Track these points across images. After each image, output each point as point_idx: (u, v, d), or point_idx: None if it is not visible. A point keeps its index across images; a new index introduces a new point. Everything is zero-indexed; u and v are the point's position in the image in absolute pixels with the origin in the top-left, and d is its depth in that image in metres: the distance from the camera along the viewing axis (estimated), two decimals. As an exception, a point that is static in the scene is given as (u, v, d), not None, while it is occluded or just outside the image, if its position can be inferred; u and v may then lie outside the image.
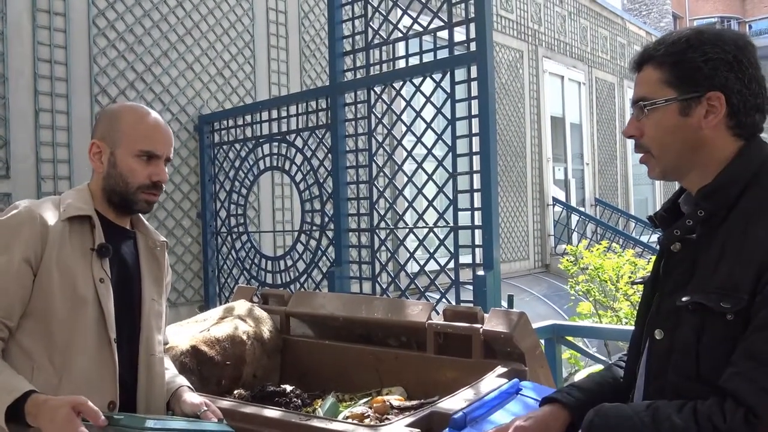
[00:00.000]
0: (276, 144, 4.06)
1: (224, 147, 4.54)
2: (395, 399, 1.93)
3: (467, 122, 3.01)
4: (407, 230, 3.41)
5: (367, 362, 2.22)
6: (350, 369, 2.24)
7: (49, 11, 4.08)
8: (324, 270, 3.75)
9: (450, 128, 3.04)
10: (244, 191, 4.38)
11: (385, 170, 3.47)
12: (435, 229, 3.25)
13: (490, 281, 2.79)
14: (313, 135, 3.76)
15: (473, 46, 2.92)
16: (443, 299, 3.08)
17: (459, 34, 3.03)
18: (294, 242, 4.02)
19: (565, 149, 10.05)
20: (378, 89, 3.37)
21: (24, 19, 3.97)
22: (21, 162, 3.95)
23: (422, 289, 3.21)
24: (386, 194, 3.43)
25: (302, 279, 3.93)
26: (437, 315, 2.17)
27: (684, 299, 1.13)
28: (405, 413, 1.68)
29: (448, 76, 3.04)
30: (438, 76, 3.12)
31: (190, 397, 1.61)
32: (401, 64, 3.41)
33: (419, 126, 3.31)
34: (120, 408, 1.51)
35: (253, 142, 4.24)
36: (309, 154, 3.80)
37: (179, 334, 2.20)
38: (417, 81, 3.20)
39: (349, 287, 3.50)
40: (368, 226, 3.50)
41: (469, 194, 3.01)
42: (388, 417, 1.79)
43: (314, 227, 3.84)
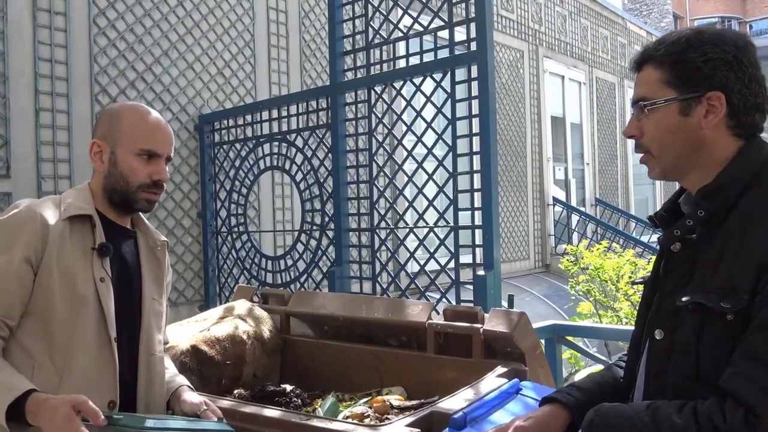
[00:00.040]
0: (276, 143, 4.06)
1: (224, 146, 4.54)
2: (395, 399, 1.93)
3: (468, 122, 3.01)
4: (407, 230, 3.41)
5: (368, 362, 2.22)
6: (350, 369, 2.24)
7: (50, 10, 4.08)
8: (324, 270, 3.75)
9: (450, 128, 3.04)
10: (245, 191, 4.38)
11: (386, 170, 3.47)
12: (435, 229, 3.25)
13: (491, 281, 2.79)
14: (314, 134, 3.76)
15: (474, 46, 2.92)
16: (443, 299, 3.08)
17: (459, 34, 3.03)
18: (294, 242, 4.02)
19: (566, 149, 10.04)
20: (378, 89, 3.37)
21: (25, 18, 3.97)
22: (21, 161, 3.95)
23: (422, 289, 3.21)
24: (386, 194, 3.43)
25: (302, 279, 3.93)
26: (437, 315, 2.16)
27: (684, 299, 1.13)
28: (405, 413, 1.68)
29: (449, 76, 3.04)
30: (438, 76, 3.12)
31: (190, 397, 1.61)
32: (402, 64, 3.41)
33: (419, 126, 3.31)
34: (120, 407, 1.51)
35: (254, 142, 4.24)
36: (309, 154, 3.80)
37: (179, 334, 2.20)
38: (417, 81, 3.20)
39: (350, 287, 3.50)
40: (368, 226, 3.50)
41: (470, 194, 3.01)
42: (388, 417, 1.79)
43: (314, 227, 3.84)
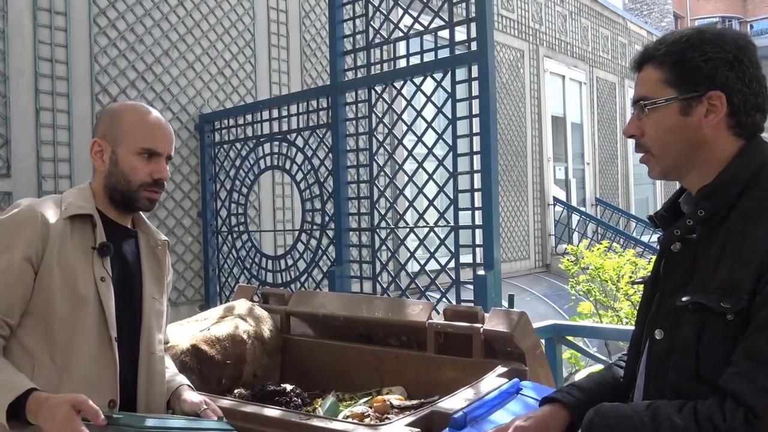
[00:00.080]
0: (277, 143, 4.06)
1: (225, 146, 4.54)
2: (395, 398, 1.93)
3: (468, 122, 3.01)
4: (408, 230, 3.41)
5: (368, 362, 2.22)
6: (350, 368, 2.24)
7: (50, 10, 4.08)
8: (324, 269, 3.75)
9: (451, 128, 3.04)
10: (245, 190, 4.38)
11: (386, 169, 3.47)
12: (435, 229, 3.24)
13: (491, 281, 2.79)
14: (314, 134, 3.76)
15: (474, 46, 2.92)
16: (444, 299, 3.08)
17: (460, 34, 3.03)
18: (294, 241, 4.02)
19: (566, 149, 10.04)
20: (379, 88, 3.37)
21: (25, 18, 3.97)
22: (22, 161, 3.95)
23: (423, 289, 3.21)
24: (387, 193, 3.43)
25: (303, 278, 3.93)
26: (438, 314, 2.16)
27: (684, 299, 1.13)
28: (405, 413, 1.68)
29: (449, 76, 3.04)
30: (439, 76, 3.11)
31: (190, 396, 1.61)
32: (402, 64, 3.41)
33: (420, 125, 3.30)
34: (120, 406, 1.51)
35: (254, 141, 4.24)
36: (310, 154, 3.80)
37: (180, 333, 2.20)
38: (418, 80, 3.20)
39: (350, 287, 3.50)
40: (369, 226, 3.50)
41: (470, 194, 3.01)
42: (388, 416, 1.79)
43: (315, 226, 3.84)
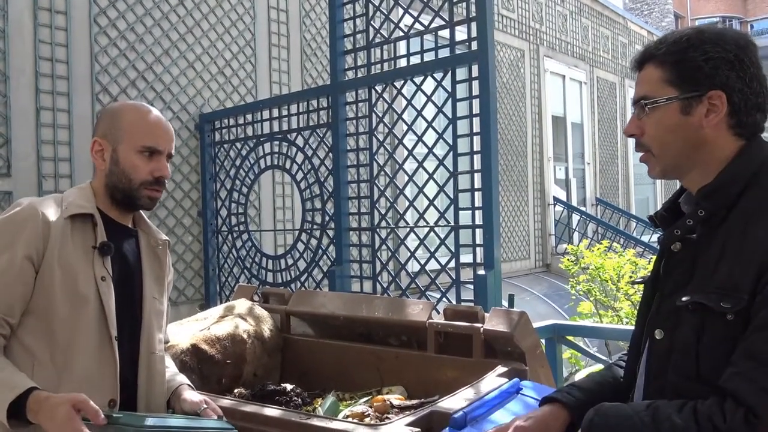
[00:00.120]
0: (277, 143, 4.06)
1: (225, 145, 4.54)
2: (395, 398, 1.93)
3: (468, 121, 3.01)
4: (408, 229, 3.41)
5: (368, 361, 2.22)
6: (351, 368, 2.24)
7: (51, 9, 4.08)
8: (325, 269, 3.75)
9: (451, 127, 3.04)
10: (245, 190, 4.38)
11: (386, 169, 3.46)
12: (436, 229, 3.24)
13: (491, 280, 2.79)
14: (314, 134, 3.76)
15: (474, 45, 2.92)
16: (444, 298, 3.07)
17: (460, 33, 3.03)
18: (295, 241, 4.02)
19: (566, 149, 10.04)
20: (379, 88, 3.36)
21: (25, 17, 3.97)
22: (22, 160, 3.95)
23: (423, 289, 3.21)
24: (387, 193, 3.43)
25: (303, 278, 3.92)
26: (438, 314, 2.16)
27: (684, 299, 1.13)
28: (405, 412, 1.68)
29: (449, 75, 3.04)
30: (439, 75, 3.11)
31: (190, 395, 1.61)
32: (402, 63, 3.40)
33: (420, 125, 3.30)
34: (120, 406, 1.51)
35: (254, 141, 4.24)
36: (310, 153, 3.79)
37: (180, 333, 2.20)
38: (418, 80, 3.20)
39: (350, 286, 3.50)
40: (369, 225, 3.50)
41: (470, 193, 3.01)
42: (389, 416, 1.79)
43: (315, 226, 3.84)
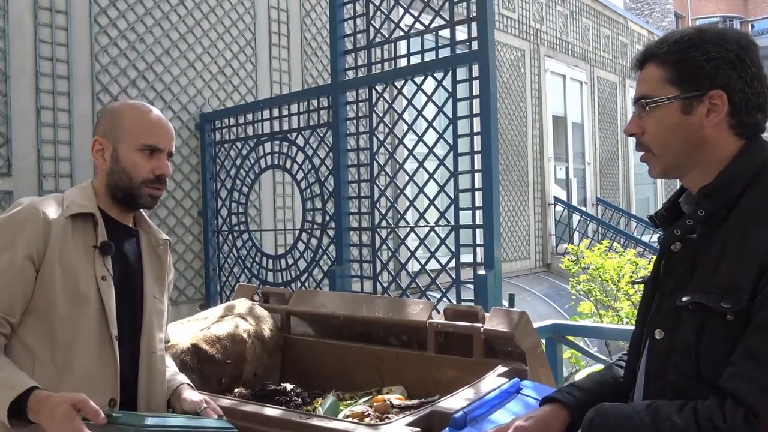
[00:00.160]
0: (277, 142, 4.06)
1: (225, 145, 4.54)
2: (396, 398, 1.93)
3: (469, 121, 3.01)
4: (408, 229, 3.41)
5: (368, 361, 2.22)
6: (351, 368, 2.24)
7: (51, 9, 4.08)
8: (325, 269, 3.75)
9: (451, 127, 3.03)
10: (246, 189, 4.38)
11: (387, 169, 3.46)
12: (436, 228, 3.24)
13: (491, 280, 2.79)
14: (315, 133, 3.76)
15: (475, 45, 2.92)
16: (444, 298, 3.07)
17: (461, 33, 3.02)
18: (295, 241, 4.02)
19: (567, 148, 10.04)
20: (379, 88, 3.36)
21: (26, 17, 3.97)
22: (22, 160, 3.95)
23: (423, 288, 3.21)
24: (387, 193, 3.43)
25: (303, 278, 3.92)
26: (438, 314, 2.16)
27: (684, 299, 1.12)
28: (405, 412, 1.68)
29: (450, 75, 3.04)
30: (439, 75, 3.11)
31: (190, 395, 1.61)
32: (403, 63, 3.40)
33: (421, 125, 3.30)
34: (121, 405, 1.51)
35: (255, 141, 4.24)
36: (310, 153, 3.79)
37: (180, 332, 2.20)
38: (418, 80, 3.19)
39: (350, 286, 3.50)
40: (369, 225, 3.50)
41: (471, 193, 3.01)
42: (389, 416, 1.79)
43: (315, 226, 3.84)
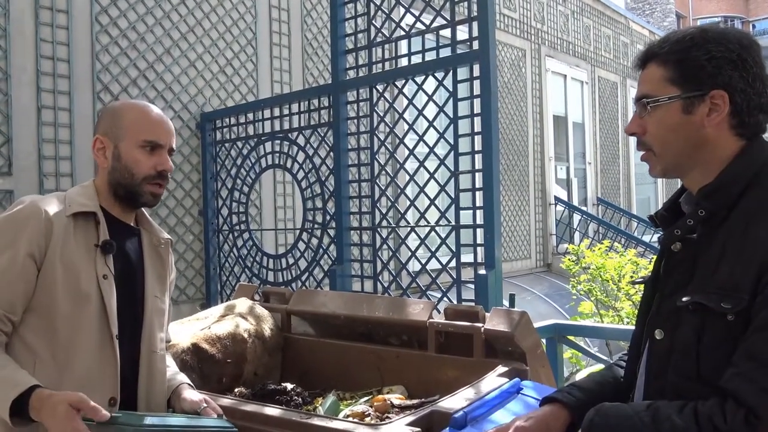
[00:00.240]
0: (278, 142, 4.06)
1: (226, 145, 4.54)
2: (396, 398, 1.93)
3: (469, 121, 3.01)
4: (409, 229, 3.41)
5: (368, 361, 2.22)
6: (351, 367, 2.24)
7: (52, 8, 4.08)
8: (325, 268, 3.75)
9: (452, 127, 3.03)
10: (246, 189, 4.38)
11: (387, 168, 3.46)
12: (437, 228, 3.24)
13: (492, 280, 2.78)
14: (315, 133, 3.76)
15: (476, 45, 2.91)
16: (444, 298, 3.07)
17: (461, 33, 3.03)
18: (296, 240, 4.02)
19: (568, 148, 10.03)
20: (380, 87, 3.36)
21: (27, 16, 3.97)
22: (23, 159, 3.95)
23: (424, 288, 3.20)
24: (388, 192, 3.43)
25: (304, 277, 3.92)
26: (438, 314, 2.16)
27: (684, 299, 1.12)
28: (406, 412, 1.68)
29: (451, 75, 3.04)
30: (440, 75, 3.11)
31: (190, 395, 1.62)
32: (403, 63, 3.40)
33: (421, 124, 3.30)
34: (121, 404, 1.51)
35: (255, 140, 4.24)
36: (311, 152, 3.79)
37: (180, 332, 2.20)
38: (419, 79, 3.19)
39: (351, 286, 3.50)
40: (370, 225, 3.50)
41: (471, 193, 3.00)
42: (389, 416, 1.79)
43: (316, 225, 3.84)
